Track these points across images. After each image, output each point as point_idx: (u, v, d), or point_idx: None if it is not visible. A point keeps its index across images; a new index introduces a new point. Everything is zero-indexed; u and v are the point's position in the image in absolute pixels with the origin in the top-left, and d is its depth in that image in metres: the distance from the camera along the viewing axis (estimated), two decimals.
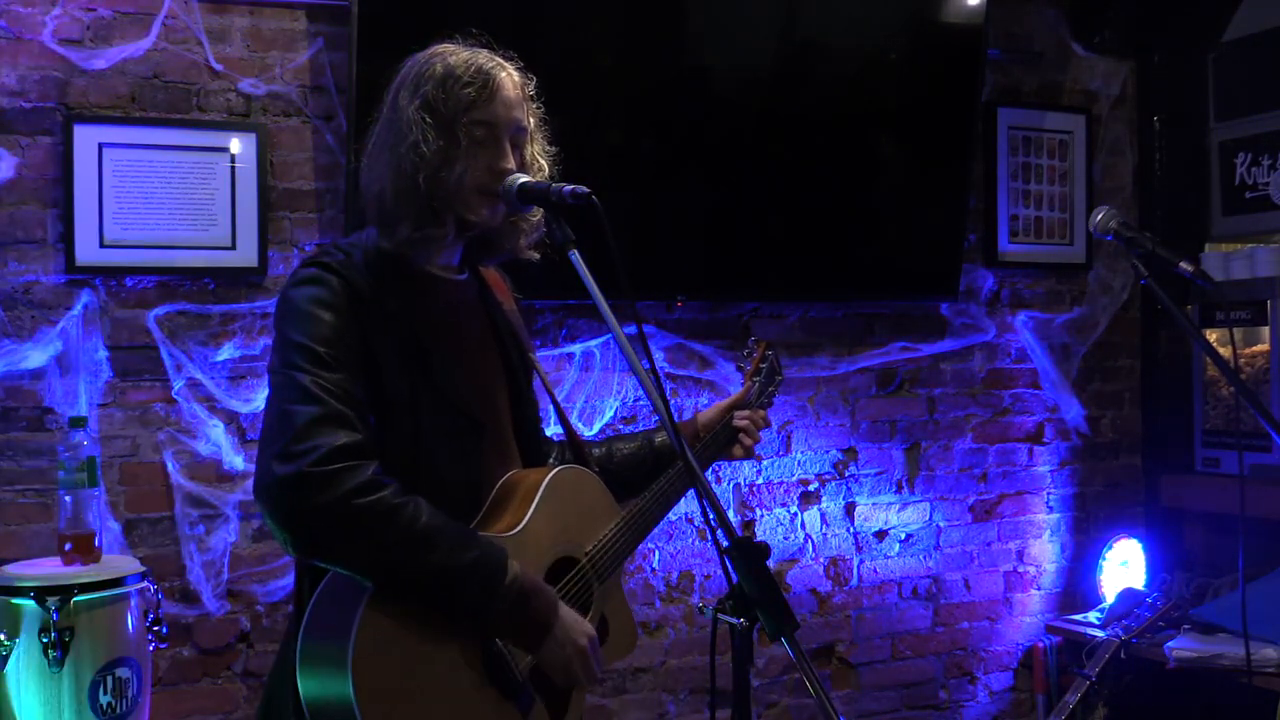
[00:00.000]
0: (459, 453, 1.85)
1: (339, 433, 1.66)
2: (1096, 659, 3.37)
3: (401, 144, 1.82)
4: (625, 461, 2.19)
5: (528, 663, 1.82)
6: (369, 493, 1.65)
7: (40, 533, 2.89)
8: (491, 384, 1.97)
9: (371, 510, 1.65)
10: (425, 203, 1.81)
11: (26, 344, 2.92)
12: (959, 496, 4.00)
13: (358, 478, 1.64)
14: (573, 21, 3.25)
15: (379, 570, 1.68)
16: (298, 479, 1.62)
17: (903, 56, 3.69)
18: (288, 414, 1.67)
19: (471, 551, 1.72)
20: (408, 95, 1.84)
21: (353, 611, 1.65)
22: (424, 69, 1.85)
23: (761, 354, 2.42)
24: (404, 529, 1.67)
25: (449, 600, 1.72)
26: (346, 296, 1.77)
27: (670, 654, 3.57)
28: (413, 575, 1.69)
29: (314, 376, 1.69)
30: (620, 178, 3.31)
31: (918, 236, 3.79)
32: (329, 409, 1.67)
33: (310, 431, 1.65)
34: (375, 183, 1.85)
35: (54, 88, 2.93)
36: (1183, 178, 4.19)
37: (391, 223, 1.84)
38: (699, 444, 2.22)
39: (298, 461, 1.63)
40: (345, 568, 1.69)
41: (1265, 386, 3.73)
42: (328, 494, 1.62)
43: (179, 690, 3.03)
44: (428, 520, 1.70)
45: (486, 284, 2.04)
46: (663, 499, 2.10)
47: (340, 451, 1.64)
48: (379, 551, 1.67)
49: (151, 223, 2.99)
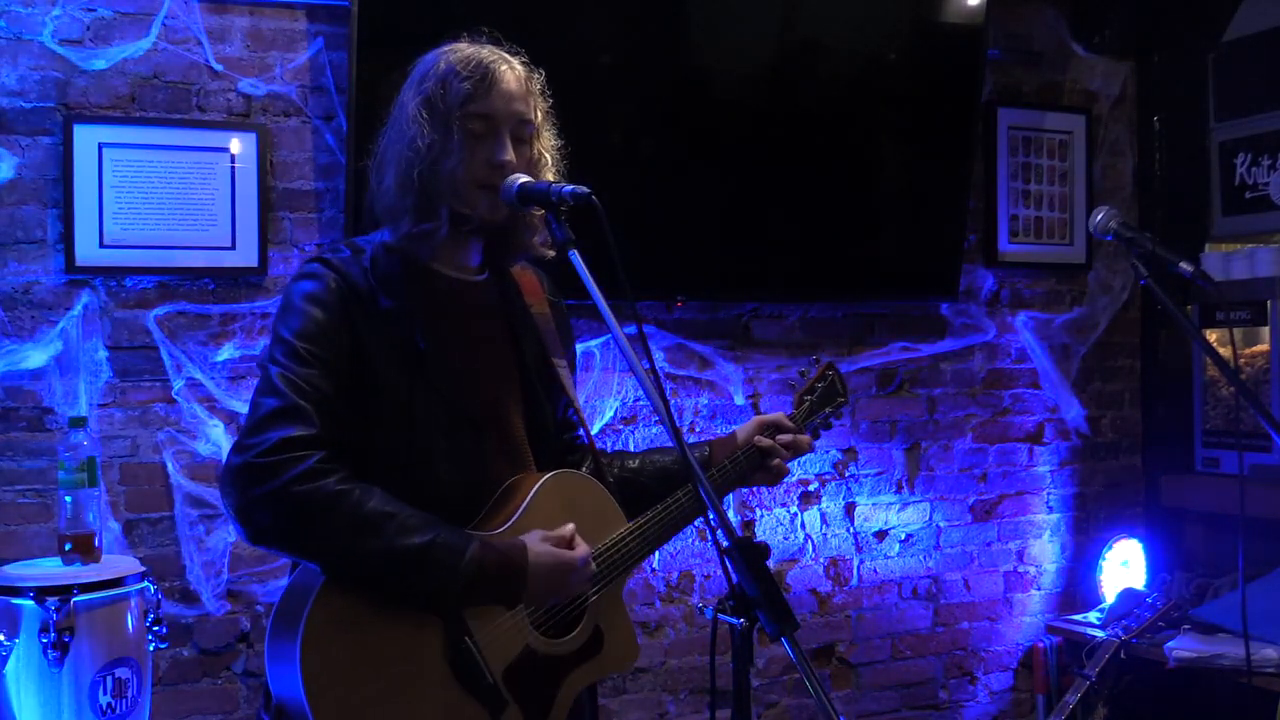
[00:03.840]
0: (456, 452, 1.85)
1: (290, 425, 1.70)
2: (1096, 659, 3.37)
3: (402, 141, 1.85)
4: (657, 474, 2.14)
5: (501, 665, 1.80)
6: (308, 480, 1.68)
7: (40, 533, 2.89)
8: (499, 385, 1.95)
9: (310, 497, 1.68)
10: (422, 197, 1.83)
11: (26, 344, 2.92)
12: (959, 496, 4.00)
13: (298, 466, 1.68)
14: (573, 21, 3.25)
15: (326, 556, 1.70)
16: (243, 469, 1.68)
17: (903, 56, 3.69)
18: (255, 406, 1.74)
19: (424, 535, 1.72)
20: (411, 93, 1.87)
21: (305, 601, 1.68)
22: (429, 67, 1.88)
23: (820, 373, 2.29)
24: (346, 515, 1.69)
25: (402, 584, 1.72)
26: (340, 293, 1.79)
27: (670, 654, 3.57)
28: (360, 560, 1.70)
29: (284, 371, 1.74)
30: (620, 178, 3.30)
31: (918, 236, 3.79)
32: (287, 402, 1.71)
33: (264, 425, 1.70)
34: (382, 180, 1.88)
35: (54, 88, 2.93)
36: (1183, 178, 4.19)
37: (395, 218, 1.86)
38: (728, 461, 2.13)
39: (246, 453, 1.69)
40: (294, 555, 1.74)
41: (1265, 386, 3.73)
42: (268, 483, 1.67)
43: (179, 690, 3.03)
44: (374, 506, 1.71)
45: (514, 286, 2.03)
46: (680, 514, 2.04)
47: (286, 443, 1.68)
48: (323, 537, 1.69)
49: (151, 223, 2.99)
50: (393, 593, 1.73)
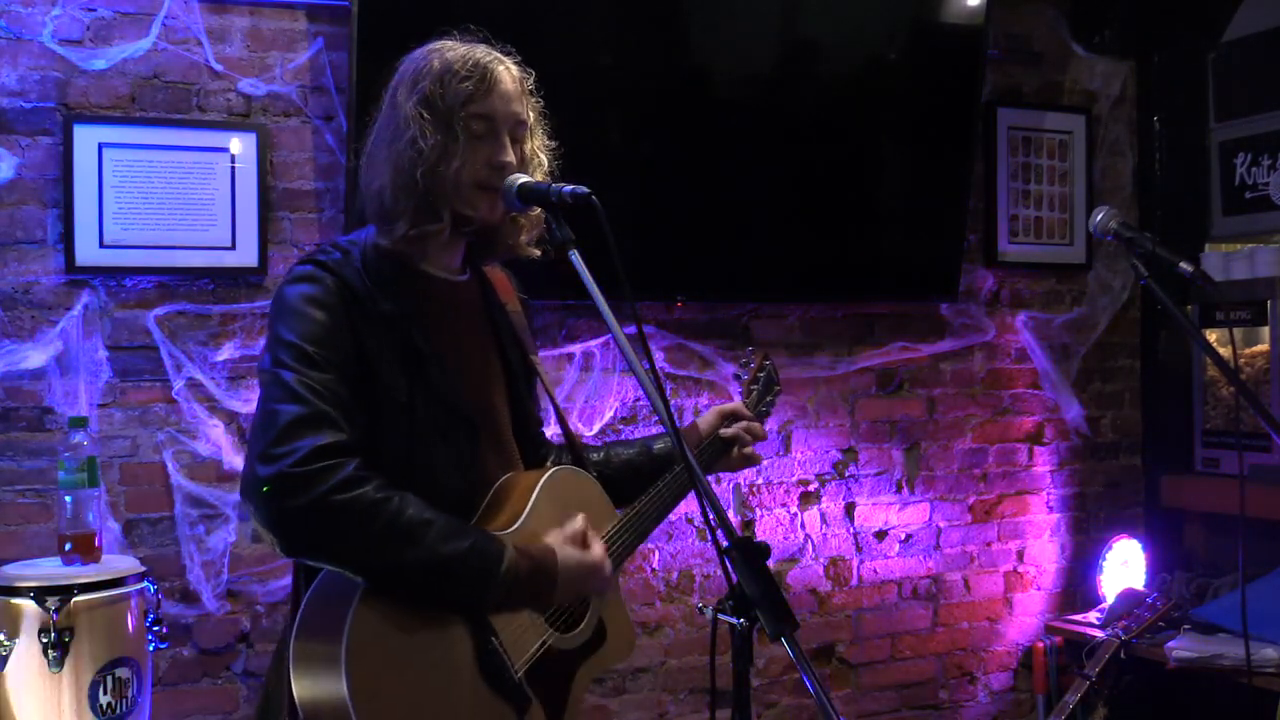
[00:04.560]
0: (454, 453, 1.85)
1: (320, 433, 1.65)
2: (1096, 659, 3.37)
3: (399, 140, 1.82)
4: (623, 467, 2.18)
5: (523, 663, 1.82)
6: (348, 489, 1.64)
7: (40, 533, 2.89)
8: (489, 385, 1.96)
9: (352, 507, 1.64)
10: (423, 199, 1.81)
11: (26, 344, 2.92)
12: (959, 496, 4.00)
13: (337, 475, 1.64)
14: (573, 21, 3.25)
15: (367, 566, 1.68)
16: (278, 480, 1.62)
17: (903, 56, 3.69)
18: (272, 414, 1.67)
19: (463, 542, 1.71)
20: (405, 91, 1.84)
21: (345, 609, 1.65)
22: (421, 65, 1.85)
23: (759, 363, 2.41)
24: (387, 523, 1.67)
25: (440, 592, 1.72)
26: (340, 296, 1.77)
27: (670, 654, 3.57)
28: (401, 569, 1.68)
29: (300, 375, 1.69)
30: (620, 178, 3.30)
31: (918, 236, 3.79)
32: (312, 409, 1.67)
33: (291, 432, 1.65)
34: (374, 180, 1.85)
35: (54, 88, 2.93)
36: (1183, 178, 4.18)
37: (390, 220, 1.84)
38: (696, 451, 2.20)
39: (278, 463, 1.63)
40: (333, 565, 1.70)
41: (1265, 386, 3.73)
42: (307, 494, 1.62)
43: (179, 690, 3.03)
44: (413, 514, 1.69)
45: (490, 285, 2.04)
46: (662, 503, 2.09)
47: (320, 451, 1.64)
48: (364, 547, 1.66)
49: (151, 223, 2.99)
50: (430, 599, 1.72)
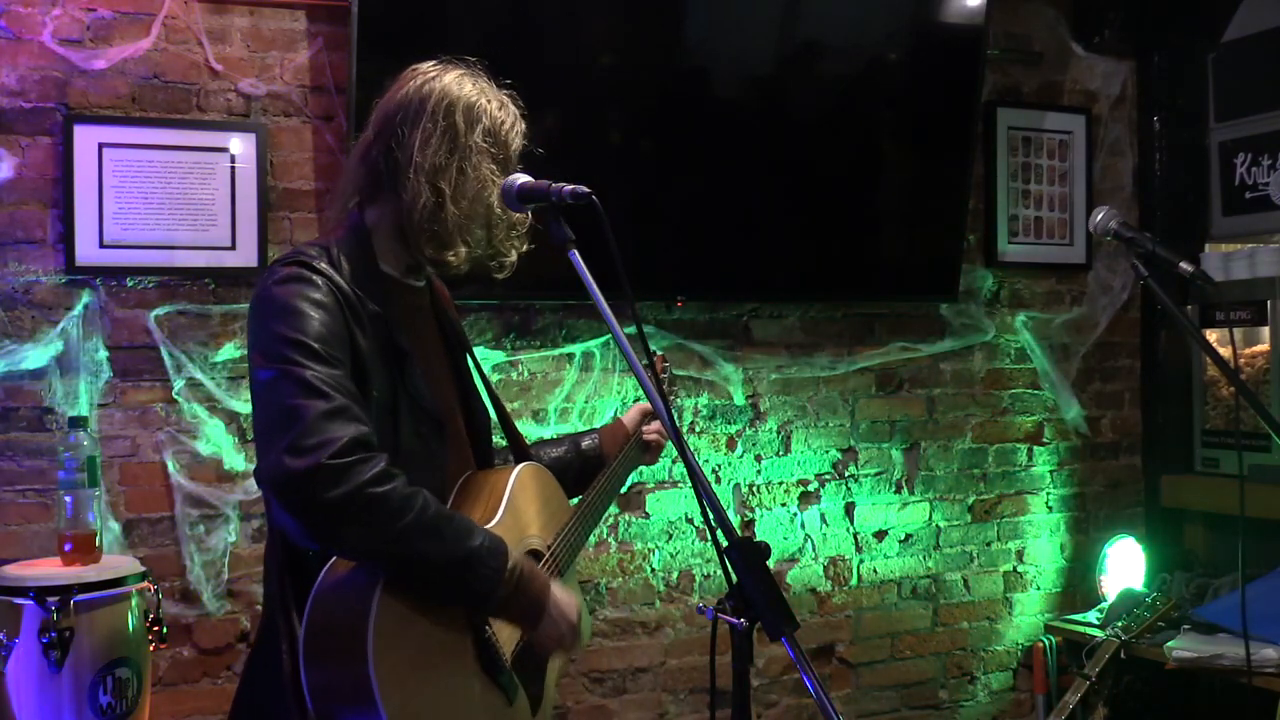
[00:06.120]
0: (426, 453, 1.89)
1: (350, 425, 1.68)
2: (1096, 659, 3.38)
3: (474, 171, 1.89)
4: (552, 465, 2.25)
5: (513, 651, 1.89)
6: (383, 483, 1.68)
7: (40, 533, 2.89)
8: (447, 386, 2.03)
9: (386, 500, 1.68)
10: (470, 228, 1.90)
11: (26, 344, 2.92)
12: (958, 496, 4.00)
13: (372, 469, 1.67)
14: (573, 21, 3.25)
15: (394, 558, 1.71)
16: (314, 471, 1.64)
17: (903, 56, 3.69)
18: (295, 408, 1.68)
19: (476, 539, 1.77)
20: (462, 120, 1.89)
21: (367, 600, 1.69)
22: (472, 100, 1.91)
23: (659, 364, 2.57)
24: (416, 517, 1.71)
25: (457, 586, 1.76)
26: (334, 296, 1.81)
27: (670, 654, 3.57)
28: (425, 561, 1.73)
29: (315, 371, 1.71)
30: (620, 177, 3.30)
31: (918, 237, 3.79)
32: (336, 403, 1.69)
33: (321, 425, 1.66)
34: (444, 201, 1.87)
35: (54, 88, 2.93)
36: (1183, 178, 4.18)
37: (447, 245, 1.89)
38: (626, 447, 2.34)
39: (313, 454, 1.64)
40: (360, 555, 1.72)
41: (1265, 386, 3.73)
42: (344, 485, 1.65)
43: (179, 690, 3.03)
44: (436, 510, 1.75)
45: (435, 289, 2.10)
46: (604, 497, 2.24)
47: (354, 444, 1.67)
48: (395, 539, 1.70)
49: (151, 223, 2.99)
50: (442, 594, 1.77)
